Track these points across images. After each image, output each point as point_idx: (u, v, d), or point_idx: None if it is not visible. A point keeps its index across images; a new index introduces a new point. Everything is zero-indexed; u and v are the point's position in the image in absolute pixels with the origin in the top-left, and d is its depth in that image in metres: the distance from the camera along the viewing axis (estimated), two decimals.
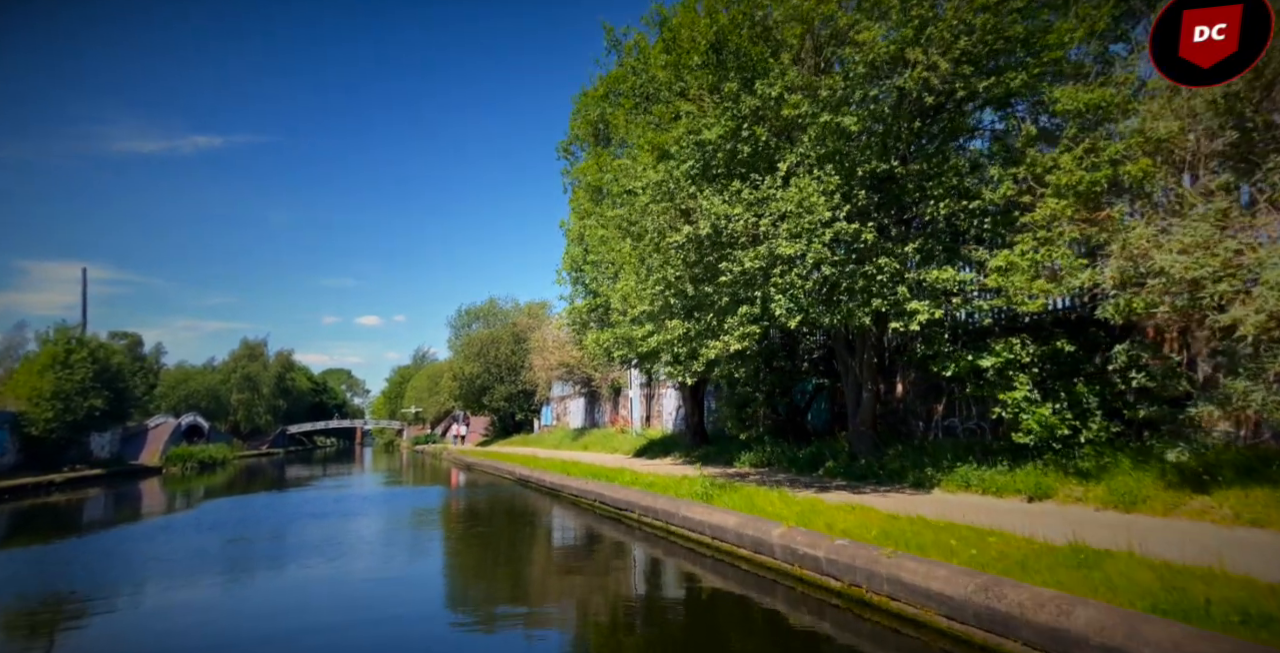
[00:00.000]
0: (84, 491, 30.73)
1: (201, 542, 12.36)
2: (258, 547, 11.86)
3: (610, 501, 13.34)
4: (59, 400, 37.24)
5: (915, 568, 5.47)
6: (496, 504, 17.83)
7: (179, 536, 13.35)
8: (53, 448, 38.24)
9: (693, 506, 10.09)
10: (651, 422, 27.41)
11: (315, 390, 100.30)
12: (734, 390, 15.50)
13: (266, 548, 11.67)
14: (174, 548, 11.80)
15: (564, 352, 32.74)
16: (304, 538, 12.66)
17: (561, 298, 21.84)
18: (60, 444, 38.70)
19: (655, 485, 12.56)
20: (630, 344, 17.30)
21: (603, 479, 15.13)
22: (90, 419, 39.04)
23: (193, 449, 49.02)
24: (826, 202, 9.36)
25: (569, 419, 39.02)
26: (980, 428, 11.67)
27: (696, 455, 18.67)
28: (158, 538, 13.32)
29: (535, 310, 43.26)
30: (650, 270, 11.65)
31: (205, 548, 11.67)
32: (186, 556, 10.94)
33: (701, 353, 10.89)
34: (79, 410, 37.89)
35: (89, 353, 40.17)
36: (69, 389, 37.75)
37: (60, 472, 35.36)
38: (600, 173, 17.69)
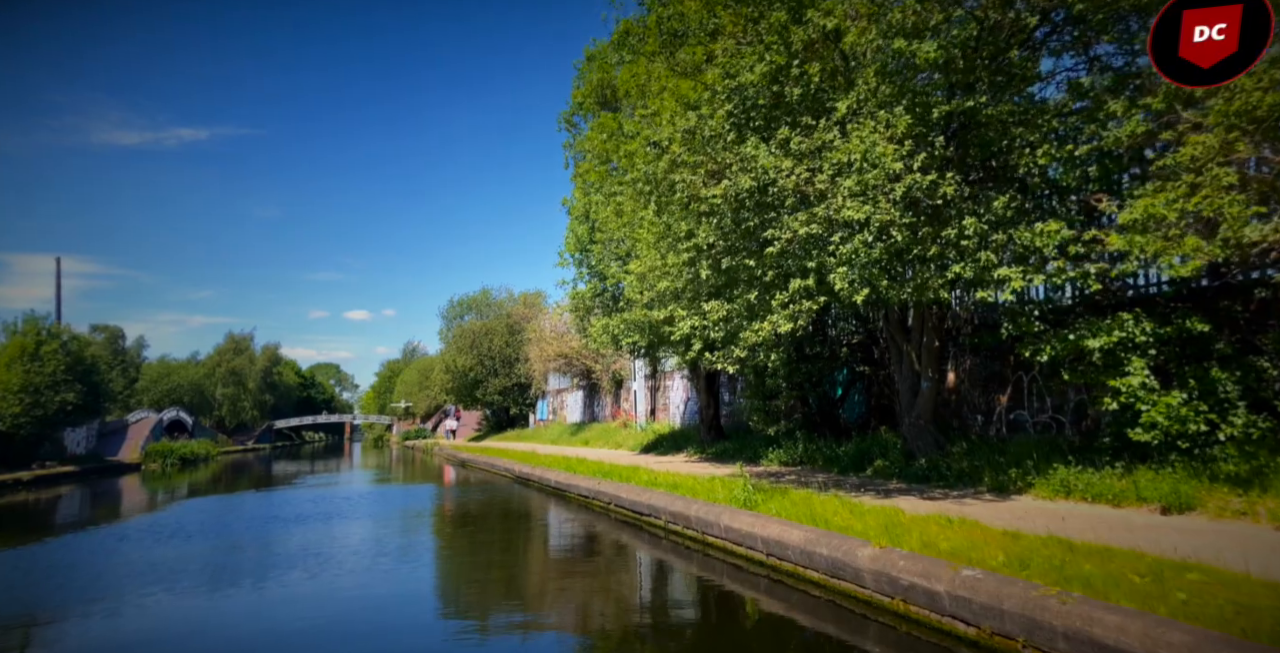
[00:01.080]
0: (53, 489, 28.66)
1: (163, 554, 10.57)
2: (228, 558, 10.08)
3: (628, 504, 11.64)
4: (27, 394, 35.00)
5: (1115, 623, 3.79)
6: (495, 506, 16.08)
7: (138, 545, 11.54)
8: (22, 445, 36.00)
9: (736, 513, 8.40)
10: (657, 415, 25.72)
11: (303, 385, 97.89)
12: (761, 381, 13.83)
13: (237, 561, 9.89)
14: (130, 562, 10.02)
15: (562, 342, 30.96)
16: (282, 547, 10.90)
17: (563, 282, 20.13)
18: (31, 441, 36.46)
19: (681, 487, 10.87)
20: (644, 330, 15.57)
21: (616, 479, 13.42)
22: (62, 414, 36.83)
23: (173, 445, 46.78)
24: (896, 151, 7.66)
25: (566, 413, 37.27)
26: (1056, 422, 10.05)
27: (713, 452, 17.00)
28: (115, 548, 11.52)
29: (531, 300, 41.37)
30: (678, 240, 9.91)
31: (166, 561, 9.90)
32: (141, 572, 9.15)
33: (742, 337, 9.17)
34: (49, 405, 35.66)
35: (60, 345, 37.89)
36: (39, 382, 35.50)
37: (29, 470, 33.19)
38: (609, 139, 15.90)
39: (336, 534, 12.00)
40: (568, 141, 19.84)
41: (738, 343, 9.45)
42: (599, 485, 13.30)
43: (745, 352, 9.50)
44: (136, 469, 42.67)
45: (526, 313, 39.54)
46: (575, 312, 20.18)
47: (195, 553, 10.54)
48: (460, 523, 13.57)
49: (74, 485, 30.54)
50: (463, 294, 45.15)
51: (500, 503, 16.69)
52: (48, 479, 32.54)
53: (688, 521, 9.44)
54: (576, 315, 20.19)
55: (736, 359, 9.69)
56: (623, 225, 14.85)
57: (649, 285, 12.23)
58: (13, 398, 34.90)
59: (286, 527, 13.05)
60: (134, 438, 50.72)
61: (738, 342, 9.48)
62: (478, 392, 42.34)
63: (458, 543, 11.43)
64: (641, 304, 13.05)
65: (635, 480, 12.62)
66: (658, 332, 14.56)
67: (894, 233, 7.88)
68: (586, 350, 29.99)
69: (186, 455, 46.34)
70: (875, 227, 7.85)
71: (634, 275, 13.46)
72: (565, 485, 15.71)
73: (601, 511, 13.03)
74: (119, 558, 10.41)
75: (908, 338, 10.65)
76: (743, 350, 9.47)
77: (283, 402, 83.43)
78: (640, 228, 13.16)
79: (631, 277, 13.76)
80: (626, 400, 28.69)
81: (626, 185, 13.62)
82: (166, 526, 13.92)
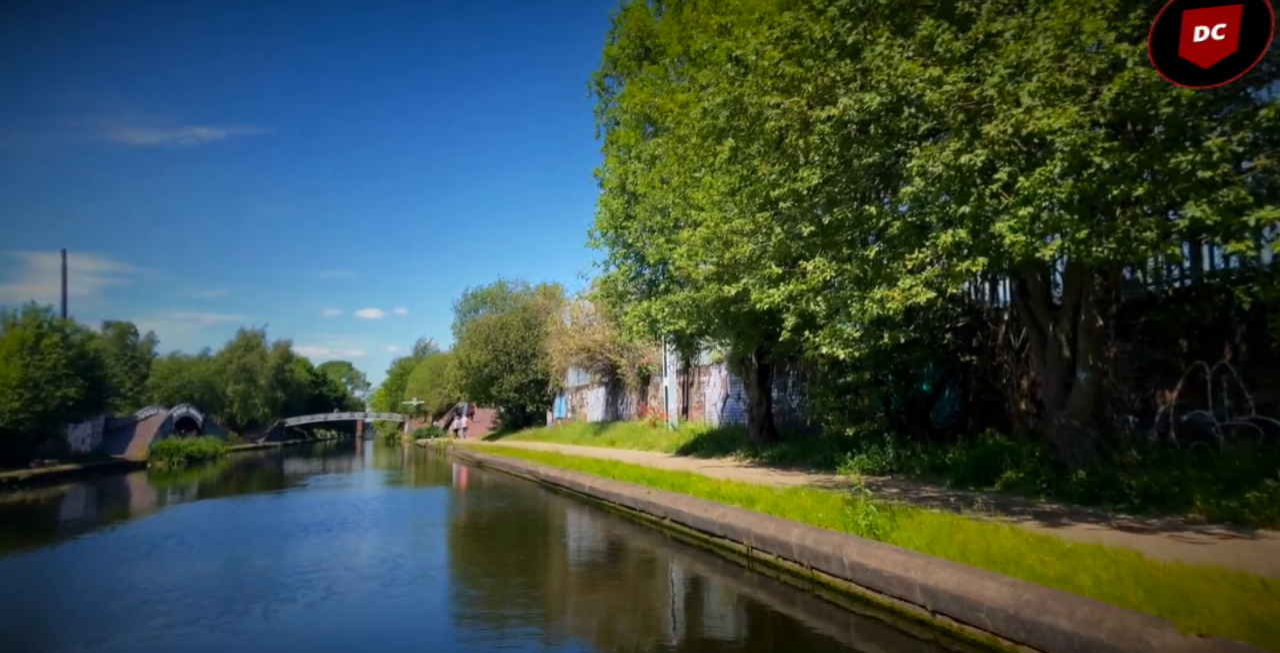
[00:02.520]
0: (51, 489, 26.80)
1: (135, 575, 8.50)
2: (216, 582, 8.01)
3: (693, 522, 9.34)
4: (26, 389, 33.15)
5: None
6: (521, 517, 13.84)
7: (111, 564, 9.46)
8: (22, 441, 34.16)
9: (866, 546, 6.09)
10: (690, 414, 23.41)
11: (315, 383, 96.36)
12: (838, 373, 11.52)
13: (226, 586, 7.81)
14: (94, 584, 8.00)
15: (584, 335, 28.73)
16: (276, 567, 8.77)
17: (594, 264, 17.91)
18: (32, 437, 34.63)
19: (761, 503, 8.56)
20: (695, 314, 13.28)
21: (666, 487, 11.14)
22: (63, 410, 34.98)
23: (179, 443, 44.94)
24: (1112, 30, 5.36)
25: (586, 411, 35.03)
26: (1265, 427, 7.65)
27: (768, 456, 14.68)
28: (84, 564, 9.45)
29: (551, 291, 39.13)
30: (764, 189, 7.61)
31: (136, 585, 7.88)
32: (105, 597, 7.09)
33: (859, 309, 6.84)
34: (50, 400, 33.78)
35: (62, 338, 36.07)
36: (38, 377, 33.62)
37: (27, 467, 31.31)
38: (652, 93, 13.63)
39: (343, 552, 9.81)
40: (598, 107, 17.61)
41: (848, 318, 7.14)
42: (650, 496, 11.00)
43: (859, 330, 7.17)
44: (143, 467, 40.90)
45: (546, 304, 37.30)
46: (606, 298, 17.93)
47: (174, 576, 8.38)
48: (482, 538, 11.34)
49: (75, 485, 28.69)
50: (477, 287, 43.05)
51: (526, 513, 14.45)
52: (46, 478, 30.62)
53: (786, 549, 7.14)
54: (607, 302, 17.93)
55: (846, 341, 7.34)
56: (670, 191, 12.57)
57: (714, 253, 9.95)
58: (11, 393, 33.07)
59: (287, 541, 10.90)
60: (142, 435, 49.01)
61: (847, 317, 7.16)
62: (493, 388, 40.20)
63: (482, 567, 9.19)
64: (699, 280, 10.77)
65: (693, 491, 10.34)
66: (723, 311, 12.26)
67: (1096, 159, 5.55)
68: (612, 344, 27.76)
69: (194, 453, 44.50)
70: (1067, 149, 5.52)
71: (686, 246, 11.18)
72: (603, 493, 13.44)
73: (651, 526, 10.75)
74: (91, 581, 8.31)
75: (1054, 316, 8.29)
76: (856, 329, 7.15)
77: (294, 399, 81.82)
78: (697, 190, 10.89)
79: (682, 249, 11.48)
80: (654, 397, 26.41)
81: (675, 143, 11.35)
82: (150, 537, 11.80)
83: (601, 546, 10.48)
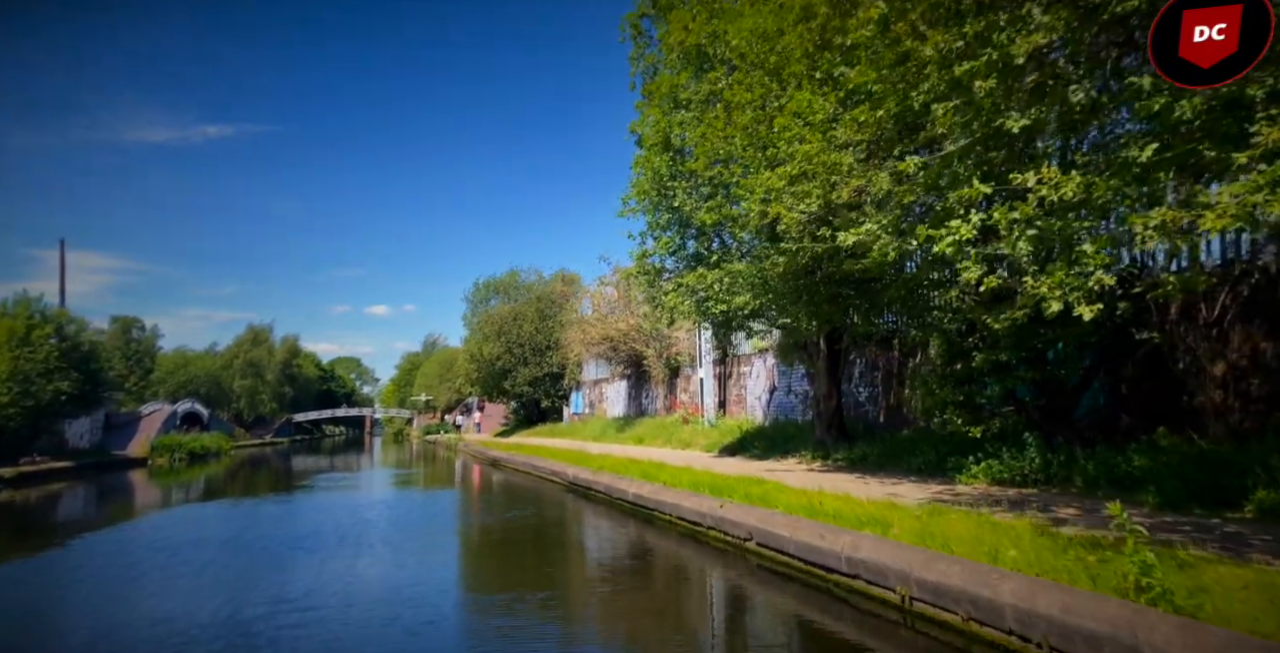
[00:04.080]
0: (39, 487, 24.62)
1: (60, 614, 6.07)
2: (155, 631, 5.54)
3: (803, 552, 6.82)
4: (16, 383, 30.92)
5: None
6: (551, 531, 11.38)
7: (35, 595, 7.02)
8: (14, 437, 31.96)
9: (1191, 631, 3.58)
10: (728, 409, 20.90)
11: (323, 378, 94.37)
12: (958, 356, 8.97)
13: (172, 634, 5.36)
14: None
15: (606, 324, 26.24)
16: (251, 608, 6.32)
17: (629, 236, 15.32)
18: (25, 433, 32.41)
19: (900, 528, 6.05)
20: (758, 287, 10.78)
21: (740, 498, 8.64)
22: (57, 404, 32.72)
23: (181, 439, 42.75)
24: None
25: (606, 406, 32.55)
26: None
27: (844, 458, 12.16)
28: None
29: (570, 279, 36.59)
30: (940, 65, 5.08)
31: (58, 627, 5.41)
32: None
33: (1096, 248, 4.33)
34: (42, 394, 31.50)
35: (55, 329, 33.81)
36: (29, 370, 31.35)
37: (15, 465, 29.06)
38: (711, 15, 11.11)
39: (342, 583, 7.35)
40: (634, 54, 15.04)
41: (1090, 257, 4.58)
42: (724, 511, 8.45)
43: (1111, 275, 4.61)
44: (143, 464, 38.76)
45: (564, 291, 34.80)
46: (641, 275, 15.41)
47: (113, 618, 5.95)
48: (507, 561, 8.87)
49: (65, 483, 26.49)
50: (489, 276, 40.53)
51: (557, 526, 12.00)
52: (35, 476, 28.31)
53: (994, 613, 4.61)
54: (644, 279, 15.41)
55: (1089, 293, 4.73)
56: (738, 131, 10.04)
57: (812, 191, 7.42)
58: (1, 386, 30.85)
59: (279, 564, 8.47)
60: (146, 431, 46.91)
61: (1080, 259, 4.63)
62: (505, 382, 37.75)
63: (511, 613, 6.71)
64: (791, 230, 8.22)
65: (781, 505, 7.83)
66: (797, 282, 9.75)
67: None
68: (637, 332, 25.28)
69: (196, 450, 42.30)
70: None
71: (761, 192, 8.65)
72: (652, 503, 10.94)
73: (726, 549, 8.23)
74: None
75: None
76: (1108, 274, 4.59)
77: (302, 395, 79.79)
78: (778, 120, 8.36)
79: (756, 195, 8.94)
80: (685, 391, 23.90)
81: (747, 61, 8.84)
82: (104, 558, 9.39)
83: (669, 579, 7.99)
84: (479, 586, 7.98)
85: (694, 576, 7.96)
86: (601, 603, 6.91)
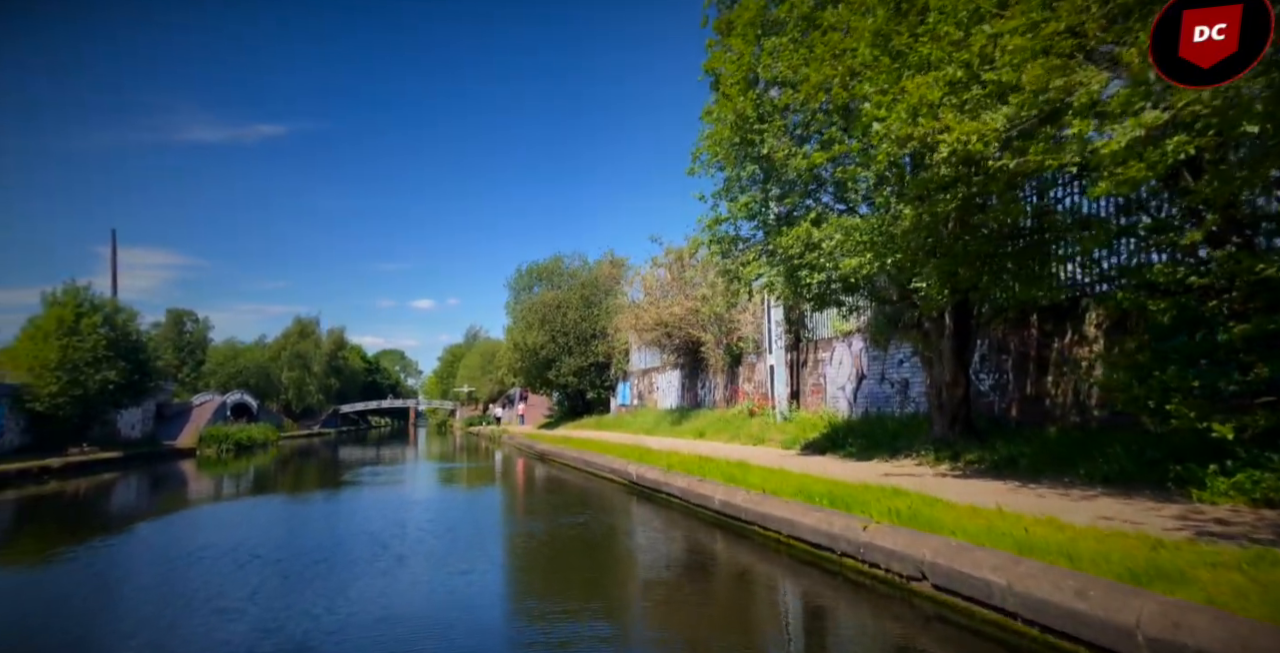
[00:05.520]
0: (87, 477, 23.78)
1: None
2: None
3: (1071, 624, 4.47)
4: (65, 372, 30.41)
5: None
6: (624, 546, 9.23)
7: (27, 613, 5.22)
8: (67, 427, 31.53)
9: None
10: (804, 400, 18.47)
11: (369, 370, 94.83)
12: (1174, 329, 6.47)
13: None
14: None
15: (660, 307, 24.01)
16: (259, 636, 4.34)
17: (699, 199, 12.97)
18: (76, 422, 32.01)
19: (1230, 594, 3.68)
20: (882, 245, 8.39)
21: (883, 516, 6.32)
22: (104, 394, 32.19)
23: (228, 430, 42.35)
24: None
25: (658, 397, 30.38)
26: None
27: (985, 460, 9.66)
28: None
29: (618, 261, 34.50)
30: None
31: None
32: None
33: None
34: (89, 383, 30.96)
35: (103, 318, 33.28)
36: (76, 358, 30.80)
37: (63, 455, 28.52)
38: None
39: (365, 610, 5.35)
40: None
41: None
42: (871, 536, 6.08)
43: None
44: (191, 455, 38.35)
45: (613, 273, 32.72)
46: (715, 243, 13.13)
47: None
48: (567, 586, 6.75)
49: (111, 474, 25.72)
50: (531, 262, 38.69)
51: (626, 539, 9.85)
52: (82, 467, 27.64)
53: None
54: (718, 248, 13.12)
55: None
56: (866, 37, 7.65)
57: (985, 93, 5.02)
58: (49, 375, 30.36)
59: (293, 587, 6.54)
60: (196, 421, 46.86)
61: None
62: (549, 372, 35.92)
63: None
64: (974, 146, 5.83)
65: (973, 534, 5.49)
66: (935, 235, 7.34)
67: None
68: (694, 316, 22.98)
69: (243, 441, 41.81)
70: None
71: (904, 111, 6.30)
72: (752, 515, 8.66)
73: (880, 586, 5.91)
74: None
75: None
76: None
77: (348, 386, 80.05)
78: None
79: (894, 116, 6.58)
80: (749, 380, 21.52)
81: None
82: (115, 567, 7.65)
83: (806, 632, 5.73)
84: (537, 619, 5.88)
85: (839, 626, 5.69)
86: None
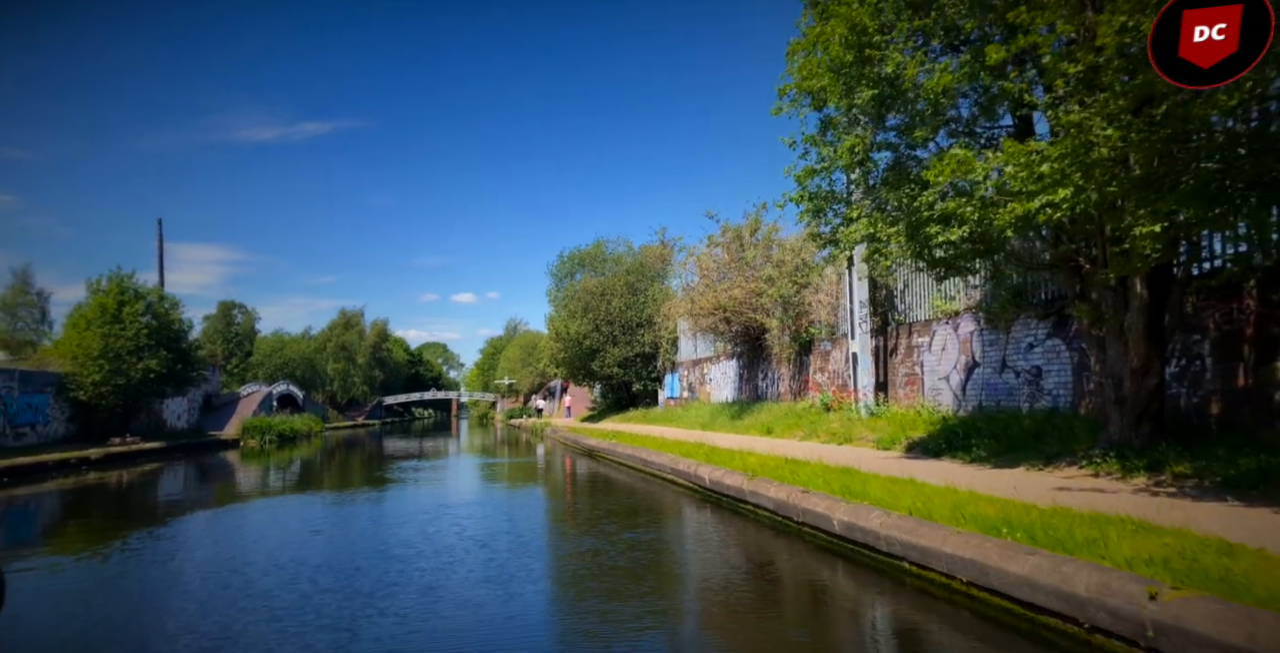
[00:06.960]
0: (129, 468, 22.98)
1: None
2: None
3: None
4: (107, 360, 29.74)
5: None
6: (714, 580, 6.93)
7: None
8: (111, 417, 30.98)
9: None
10: (893, 392, 15.87)
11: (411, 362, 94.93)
12: None
13: None
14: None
15: (718, 291, 21.61)
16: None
17: (789, 145, 10.58)
18: (121, 412, 31.46)
19: None
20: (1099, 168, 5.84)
21: (1120, 559, 3.90)
22: (145, 383, 31.50)
23: (271, 421, 41.69)
24: None
25: (710, 390, 28.01)
26: None
27: (1204, 473, 7.00)
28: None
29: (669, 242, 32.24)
30: None
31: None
32: None
33: None
34: (131, 372, 30.25)
35: (145, 306, 32.59)
36: (119, 347, 30.10)
37: (104, 445, 27.83)
38: None
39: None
40: None
41: None
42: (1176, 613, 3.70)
43: None
44: (235, 445, 37.70)
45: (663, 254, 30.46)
46: (809, 200, 10.71)
47: None
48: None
49: (152, 465, 24.80)
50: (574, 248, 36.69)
51: (712, 569, 7.52)
52: (123, 457, 26.81)
53: None
54: (812, 204, 10.69)
55: None
56: None
57: None
58: (92, 364, 29.72)
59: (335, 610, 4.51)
60: (242, 412, 46.55)
61: None
62: (593, 363, 33.92)
63: None
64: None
65: None
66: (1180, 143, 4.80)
67: None
68: (757, 299, 20.52)
69: (285, 432, 41.06)
70: None
71: None
72: (899, 546, 6.22)
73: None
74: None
75: None
76: None
77: (392, 378, 79.98)
78: None
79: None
80: (823, 370, 18.95)
81: None
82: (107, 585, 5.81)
83: None
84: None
85: None
86: None
